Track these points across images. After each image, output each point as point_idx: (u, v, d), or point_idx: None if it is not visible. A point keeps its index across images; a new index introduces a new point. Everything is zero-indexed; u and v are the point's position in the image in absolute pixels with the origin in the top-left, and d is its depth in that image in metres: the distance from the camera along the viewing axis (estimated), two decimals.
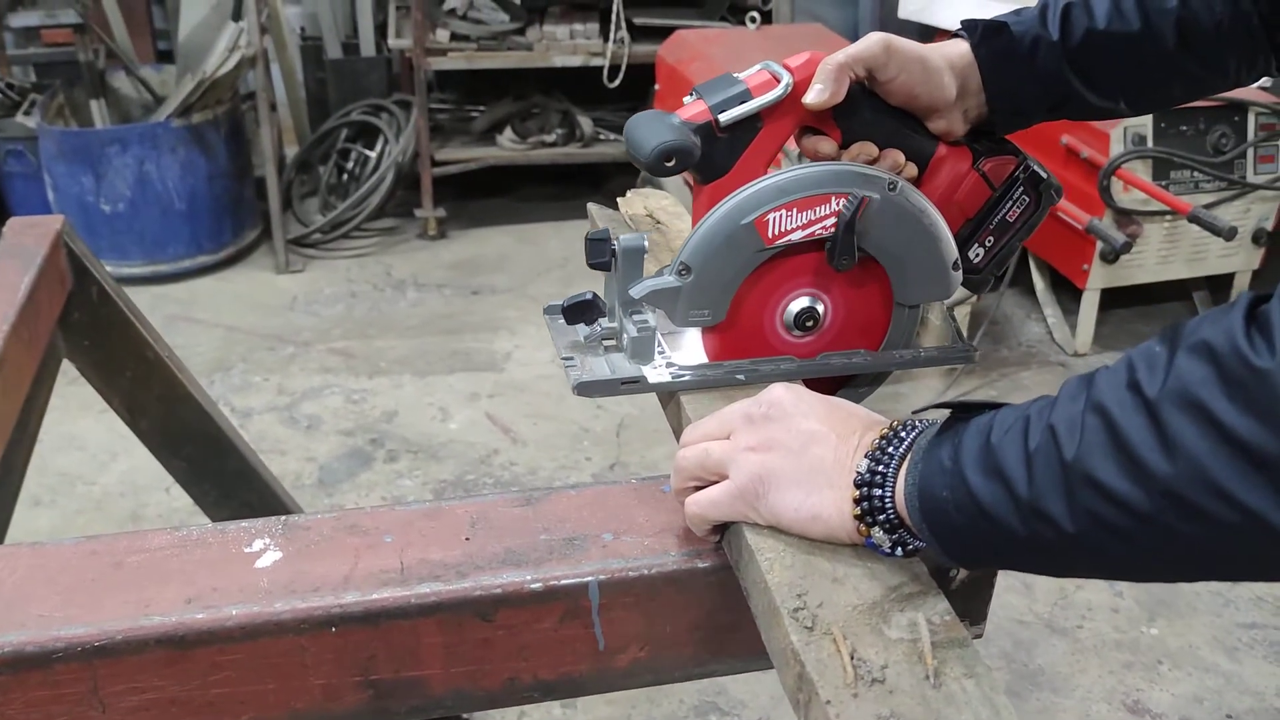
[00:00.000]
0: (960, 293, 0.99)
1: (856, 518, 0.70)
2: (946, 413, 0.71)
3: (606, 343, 0.95)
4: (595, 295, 0.93)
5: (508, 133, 4.15)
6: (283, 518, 0.80)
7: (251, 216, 4.00)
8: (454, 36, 3.92)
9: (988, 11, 3.91)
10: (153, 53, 4.61)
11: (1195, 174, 3.10)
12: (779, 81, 0.87)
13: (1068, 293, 3.45)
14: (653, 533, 0.80)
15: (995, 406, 0.68)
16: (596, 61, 3.91)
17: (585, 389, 0.91)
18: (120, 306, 1.46)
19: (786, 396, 0.76)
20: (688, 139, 0.86)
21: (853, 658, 0.64)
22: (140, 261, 3.72)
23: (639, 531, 0.80)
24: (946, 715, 0.61)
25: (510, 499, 0.84)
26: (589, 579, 0.76)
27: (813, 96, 0.87)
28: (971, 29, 0.94)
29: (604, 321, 0.95)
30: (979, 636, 0.81)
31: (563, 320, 0.94)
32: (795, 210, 0.87)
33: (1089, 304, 3.29)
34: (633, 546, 0.78)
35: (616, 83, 3.90)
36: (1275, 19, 0.92)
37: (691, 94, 0.90)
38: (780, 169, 0.89)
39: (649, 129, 0.87)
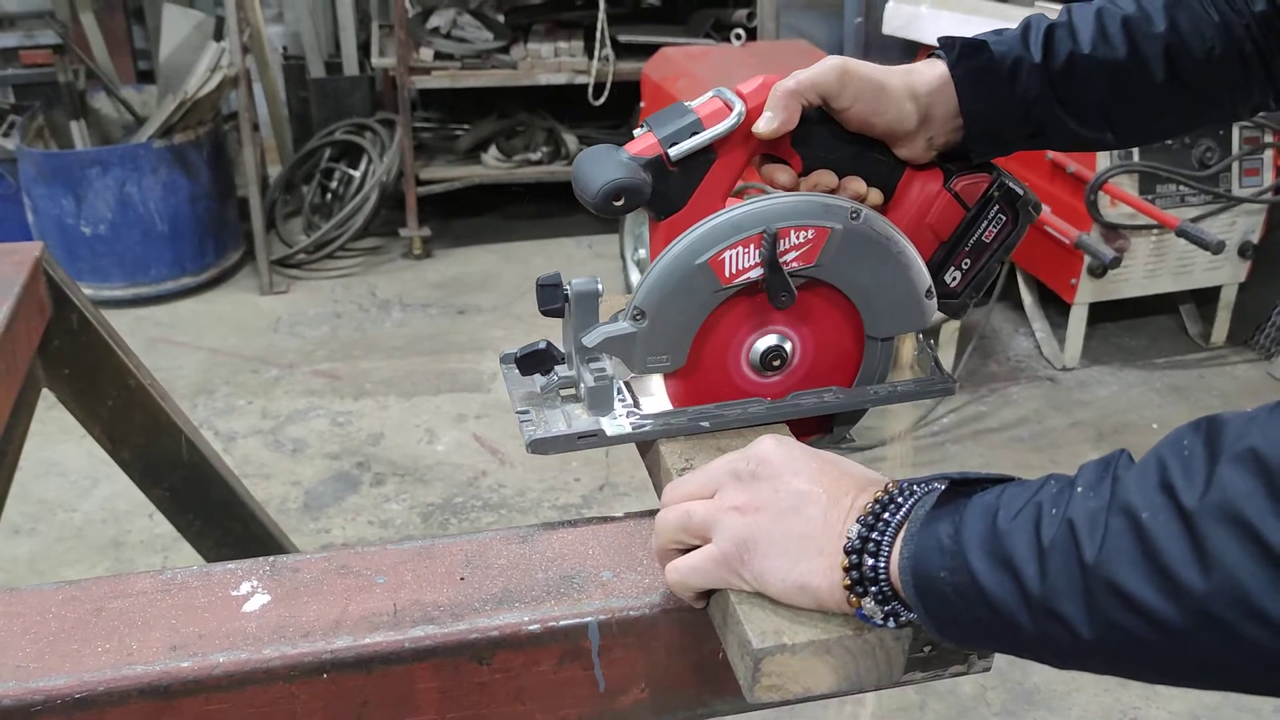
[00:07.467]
0: (938, 317, 0.94)
1: (846, 588, 0.65)
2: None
3: (564, 392, 0.90)
4: (549, 343, 0.88)
5: (492, 151, 4.14)
6: (271, 559, 0.78)
7: (234, 237, 3.96)
8: (438, 55, 3.90)
9: (970, 28, 3.90)
10: (134, 73, 4.58)
11: (1181, 188, 3.11)
12: (731, 110, 0.83)
13: (1055, 307, 3.45)
14: (653, 569, 0.77)
15: (999, 480, 0.64)
16: (581, 79, 3.90)
17: (540, 446, 0.85)
18: (101, 334, 1.43)
19: (776, 452, 0.71)
20: (637, 176, 0.81)
21: None
22: (122, 283, 3.68)
23: (638, 568, 0.78)
24: None
25: (505, 536, 0.81)
26: (589, 619, 0.73)
27: (762, 125, 0.83)
28: (949, 47, 0.88)
29: (560, 370, 0.89)
30: (987, 669, 0.79)
31: (517, 371, 0.89)
32: (753, 246, 0.82)
33: (1077, 318, 3.29)
34: (632, 585, 0.76)
35: (601, 100, 3.89)
36: (1270, 47, 0.88)
37: (642, 126, 0.85)
38: (736, 204, 0.84)
39: (596, 166, 0.82)
